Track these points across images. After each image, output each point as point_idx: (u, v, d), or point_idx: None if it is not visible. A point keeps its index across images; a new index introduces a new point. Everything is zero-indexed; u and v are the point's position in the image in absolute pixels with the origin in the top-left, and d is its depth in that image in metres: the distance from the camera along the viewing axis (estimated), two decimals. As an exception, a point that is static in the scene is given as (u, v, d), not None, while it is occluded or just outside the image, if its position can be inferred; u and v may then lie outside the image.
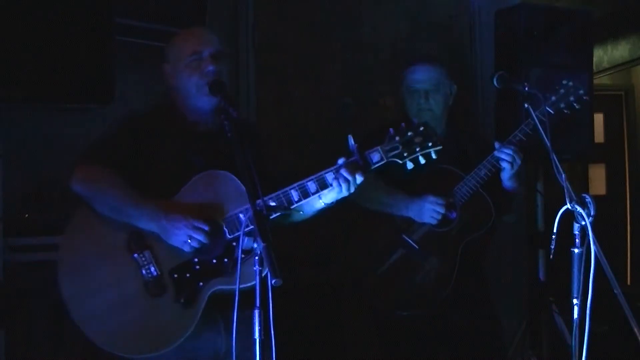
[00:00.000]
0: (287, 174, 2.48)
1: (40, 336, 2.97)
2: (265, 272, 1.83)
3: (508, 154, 2.85)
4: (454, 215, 2.97)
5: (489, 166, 2.91)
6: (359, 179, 2.22)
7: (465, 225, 2.96)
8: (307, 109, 4.16)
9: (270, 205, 2.17)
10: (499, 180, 2.95)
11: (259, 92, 4.03)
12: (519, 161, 2.86)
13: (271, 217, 2.12)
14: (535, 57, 3.64)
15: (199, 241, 2.21)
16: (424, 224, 2.97)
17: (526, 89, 2.75)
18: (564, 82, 2.90)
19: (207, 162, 2.36)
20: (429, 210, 2.93)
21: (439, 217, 2.93)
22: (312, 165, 2.30)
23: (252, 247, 1.90)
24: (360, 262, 3.06)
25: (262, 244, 1.83)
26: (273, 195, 2.23)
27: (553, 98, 2.86)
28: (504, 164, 2.87)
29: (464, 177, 2.95)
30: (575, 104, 2.88)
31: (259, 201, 1.97)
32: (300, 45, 4.17)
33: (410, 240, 3.00)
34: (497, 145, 2.90)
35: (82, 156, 2.38)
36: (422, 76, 3.11)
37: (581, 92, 2.88)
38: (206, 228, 2.20)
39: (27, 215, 3.18)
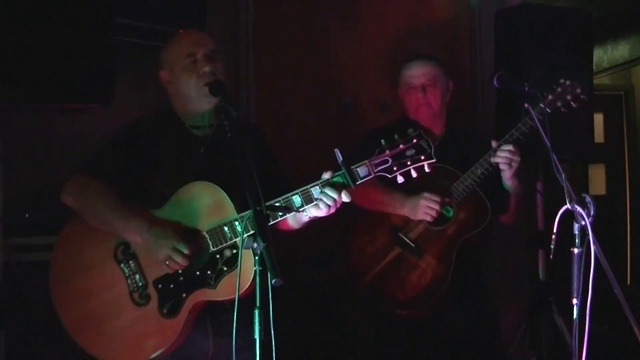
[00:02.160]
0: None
1: (40, 336, 2.97)
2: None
3: (506, 155, 2.85)
4: (451, 213, 2.98)
5: (486, 165, 2.91)
6: (346, 198, 2.18)
7: (462, 224, 2.96)
8: (307, 109, 4.16)
9: (273, 206, 2.17)
10: (497, 179, 2.95)
11: (259, 92, 4.03)
12: (518, 159, 2.86)
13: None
14: (535, 57, 3.64)
15: (177, 264, 2.21)
16: (420, 222, 2.98)
17: (526, 89, 2.76)
18: (562, 80, 2.90)
19: (205, 169, 2.36)
20: (423, 207, 2.93)
21: (434, 213, 2.93)
22: (311, 165, 2.29)
23: (252, 247, 1.90)
24: (358, 261, 3.06)
25: (262, 244, 1.83)
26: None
27: (550, 97, 2.86)
28: (503, 165, 2.87)
29: (461, 176, 2.95)
30: (572, 103, 2.88)
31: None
32: (300, 45, 4.17)
33: (406, 239, 3.00)
34: (494, 144, 2.90)
35: (75, 169, 2.41)
36: (418, 71, 3.13)
37: (578, 90, 2.88)
38: (186, 251, 2.21)
39: (27, 215, 3.18)
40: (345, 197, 2.18)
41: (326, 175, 2.19)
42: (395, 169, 2.19)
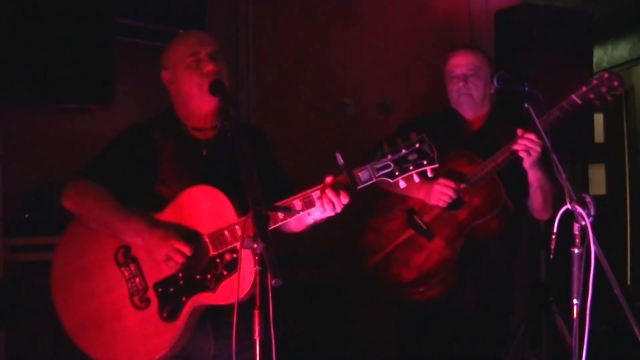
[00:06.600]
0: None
1: (40, 336, 2.97)
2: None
3: (525, 142, 2.82)
4: (465, 198, 2.99)
5: (507, 153, 2.89)
6: (344, 200, 2.16)
7: (474, 210, 2.97)
8: (307, 109, 4.16)
9: (274, 205, 2.16)
10: (524, 170, 2.91)
11: (259, 92, 4.03)
12: (537, 148, 2.81)
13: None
14: (535, 57, 3.64)
15: (177, 262, 2.21)
16: (435, 205, 2.99)
17: (526, 89, 2.75)
18: (602, 73, 2.86)
19: (206, 172, 2.35)
20: (436, 193, 2.94)
21: (447, 199, 2.94)
22: (312, 165, 2.29)
23: (252, 248, 1.90)
24: (373, 239, 3.12)
25: (262, 244, 1.83)
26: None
27: (584, 89, 2.83)
28: (522, 152, 2.84)
29: (482, 163, 2.95)
30: (607, 96, 2.81)
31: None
32: (300, 45, 4.17)
33: (420, 221, 3.04)
34: (519, 132, 2.87)
35: (75, 173, 2.40)
36: (461, 60, 3.14)
37: (616, 83, 2.81)
38: (186, 250, 2.20)
39: (27, 215, 3.18)
40: (344, 199, 2.17)
41: (328, 180, 2.18)
42: (397, 173, 2.15)
